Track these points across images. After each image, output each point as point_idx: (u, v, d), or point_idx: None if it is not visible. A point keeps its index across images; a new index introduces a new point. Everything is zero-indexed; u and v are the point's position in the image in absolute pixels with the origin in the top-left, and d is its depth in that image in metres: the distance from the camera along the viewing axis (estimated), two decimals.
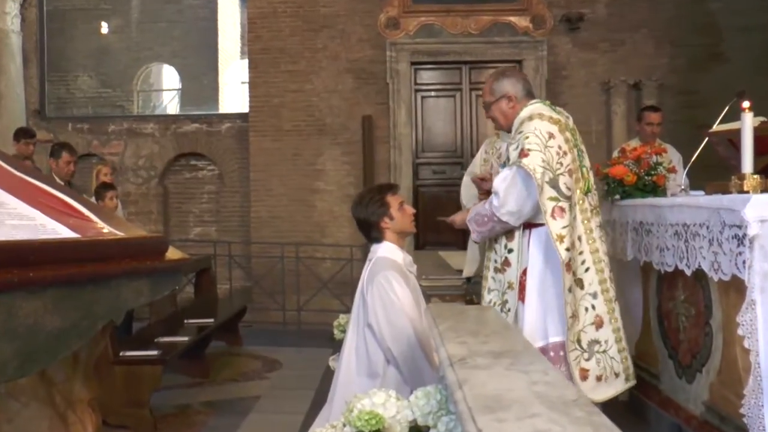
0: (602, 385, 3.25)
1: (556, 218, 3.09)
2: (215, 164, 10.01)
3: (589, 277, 3.19)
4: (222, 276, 8.96)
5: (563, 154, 3.14)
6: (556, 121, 3.19)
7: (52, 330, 1.52)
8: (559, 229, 3.09)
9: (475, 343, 1.95)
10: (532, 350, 1.95)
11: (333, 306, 8.25)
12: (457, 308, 3.02)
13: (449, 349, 1.87)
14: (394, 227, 3.30)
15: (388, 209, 3.29)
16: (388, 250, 3.31)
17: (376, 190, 3.39)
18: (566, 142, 3.18)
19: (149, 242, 1.85)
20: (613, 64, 8.98)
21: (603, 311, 3.22)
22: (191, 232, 10.03)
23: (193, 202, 10.10)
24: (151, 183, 10.00)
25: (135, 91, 14.83)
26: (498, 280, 3.34)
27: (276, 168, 9.13)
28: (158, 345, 5.13)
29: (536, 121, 3.18)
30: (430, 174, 9.22)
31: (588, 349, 3.23)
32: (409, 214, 3.33)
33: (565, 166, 3.14)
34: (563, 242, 3.08)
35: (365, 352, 3.19)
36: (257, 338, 7.59)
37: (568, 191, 3.13)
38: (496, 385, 1.54)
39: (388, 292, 3.14)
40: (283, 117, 9.14)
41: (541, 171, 3.08)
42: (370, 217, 3.29)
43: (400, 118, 9.03)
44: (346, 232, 8.95)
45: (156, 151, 10.01)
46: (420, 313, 3.18)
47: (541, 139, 3.11)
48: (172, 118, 11.19)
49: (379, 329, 3.14)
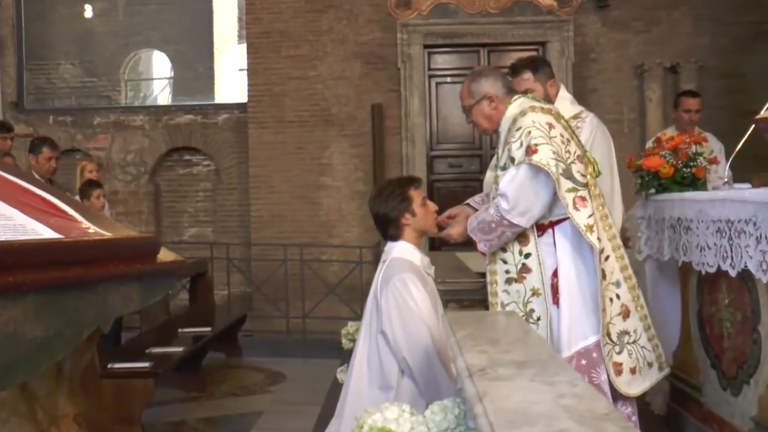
0: (637, 377, 3.29)
1: (580, 209, 3.14)
2: (211, 159, 10.03)
3: (609, 265, 3.23)
4: (219, 281, 8.99)
5: (567, 141, 3.19)
6: (548, 111, 3.24)
7: (34, 339, 1.52)
8: (586, 219, 3.14)
9: (496, 352, 1.95)
10: (559, 360, 1.95)
11: (341, 313, 8.27)
12: (477, 314, 3.04)
13: (468, 359, 1.87)
14: (415, 225, 3.31)
15: (410, 204, 3.30)
16: (404, 249, 3.32)
17: (398, 182, 3.40)
18: (565, 129, 3.24)
19: (139, 243, 1.85)
20: (648, 45, 8.94)
21: (628, 299, 3.27)
22: (185, 233, 10.07)
23: (188, 201, 10.11)
24: (140, 180, 10.02)
25: (122, 80, 14.88)
26: (515, 292, 3.31)
27: (278, 163, 9.16)
28: (150, 356, 5.16)
29: (531, 114, 3.20)
30: (445, 168, 9.21)
31: (618, 342, 3.26)
32: (432, 211, 3.35)
33: (573, 154, 3.20)
34: (593, 232, 3.13)
35: (378, 363, 3.20)
36: (258, 349, 7.62)
37: (583, 178, 3.18)
38: (519, 398, 1.54)
39: (405, 297, 3.15)
40: (285, 107, 9.16)
41: (555, 164, 3.12)
42: (390, 212, 3.30)
43: (413, 106, 9.03)
44: (355, 232, 9.02)
45: (146, 145, 10.03)
46: (438, 320, 3.20)
47: (543, 131, 3.15)
48: (164, 109, 11.19)
49: (393, 337, 3.15)
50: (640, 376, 3.30)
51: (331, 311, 8.51)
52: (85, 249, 1.70)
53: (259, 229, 9.23)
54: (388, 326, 3.15)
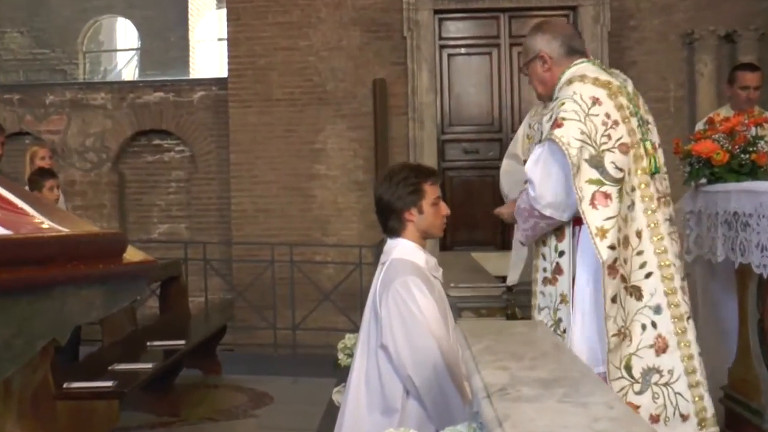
0: (660, 427, 3.14)
1: (598, 207, 3.06)
2: (185, 144, 10.02)
3: (650, 285, 3.16)
4: (195, 286, 8.93)
5: (613, 124, 3.12)
6: (604, 84, 3.18)
7: None
8: (601, 221, 3.06)
9: (518, 369, 1.95)
10: (592, 377, 1.94)
11: (337, 323, 8.29)
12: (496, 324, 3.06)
13: (486, 377, 1.87)
14: (420, 224, 3.31)
15: (421, 199, 3.30)
16: (406, 249, 3.32)
17: (414, 170, 3.39)
18: (619, 109, 3.16)
19: (103, 240, 1.87)
20: (698, 10, 8.90)
21: (669, 331, 3.16)
22: (155, 230, 10.04)
23: (158, 193, 10.09)
24: (102, 169, 10.02)
25: (80, 51, 14.88)
26: (548, 295, 3.33)
27: (263, 148, 9.15)
28: (113, 374, 5.15)
29: (576, 85, 3.19)
30: (459, 154, 9.21)
31: (641, 380, 3.17)
32: (442, 215, 3.35)
33: (615, 140, 3.11)
34: (606, 238, 3.05)
35: (378, 382, 3.19)
36: (241, 365, 7.62)
37: (619, 173, 3.10)
38: (546, 422, 1.53)
39: (408, 304, 3.14)
40: (271, 82, 9.15)
41: (578, 146, 3.08)
42: (396, 201, 3.30)
43: (421, 82, 9.00)
44: (354, 229, 9.02)
45: (108, 127, 10.02)
46: (448, 330, 3.19)
47: (582, 106, 3.11)
48: (130, 85, 11.16)
49: (396, 352, 3.14)
50: (664, 427, 3.15)
51: (325, 321, 8.52)
52: (38, 247, 1.69)
53: (241, 226, 9.21)
54: (389, 339, 3.14)
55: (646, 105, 3.34)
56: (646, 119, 3.28)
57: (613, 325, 3.08)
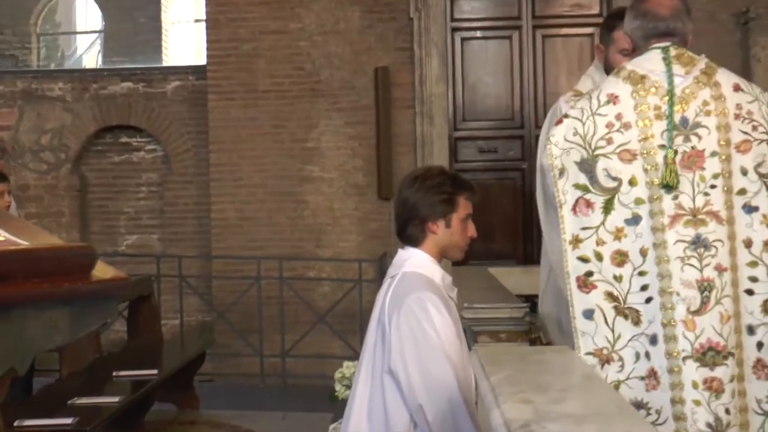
0: None
1: (578, 214, 3.13)
2: (158, 142, 9.98)
3: (650, 311, 3.13)
4: (169, 306, 8.93)
5: (622, 127, 3.15)
6: (637, 80, 3.19)
7: None
8: (578, 230, 3.12)
9: (544, 402, 1.95)
10: (631, 412, 1.94)
11: (334, 349, 8.26)
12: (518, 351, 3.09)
13: (507, 411, 1.86)
14: (442, 239, 3.36)
15: (452, 212, 3.35)
16: (422, 262, 3.34)
17: (453, 179, 3.44)
18: (641, 110, 3.17)
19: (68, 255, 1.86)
20: None
21: (661, 367, 3.12)
22: (122, 242, 9.97)
23: (125, 199, 10.03)
24: (60, 171, 9.95)
25: (33, 33, 14.80)
26: None
27: (248, 146, 9.15)
28: (73, 410, 5.14)
29: (609, 78, 3.25)
30: (474, 153, 9.20)
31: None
32: (468, 236, 3.40)
33: (617, 145, 3.14)
34: (578, 248, 3.12)
35: (383, 412, 3.19)
36: (222, 398, 7.61)
37: (610, 182, 3.13)
38: None
39: (423, 324, 3.15)
40: (257, 71, 9.15)
41: (566, 146, 3.15)
42: (423, 207, 3.34)
43: (431, 70, 8.99)
44: (353, 240, 9.02)
45: (68, 123, 9.96)
46: (464, 355, 3.20)
47: (592, 103, 3.17)
48: (92, 74, 10.91)
49: (407, 378, 3.13)
50: None
51: (320, 347, 8.50)
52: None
53: (222, 237, 9.20)
54: (399, 363, 3.15)
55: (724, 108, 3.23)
56: (696, 121, 3.19)
57: (589, 343, 3.09)
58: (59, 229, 9.65)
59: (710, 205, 3.19)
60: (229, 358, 8.80)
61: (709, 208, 3.19)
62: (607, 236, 3.12)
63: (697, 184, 3.19)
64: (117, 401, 5.46)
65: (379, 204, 8.98)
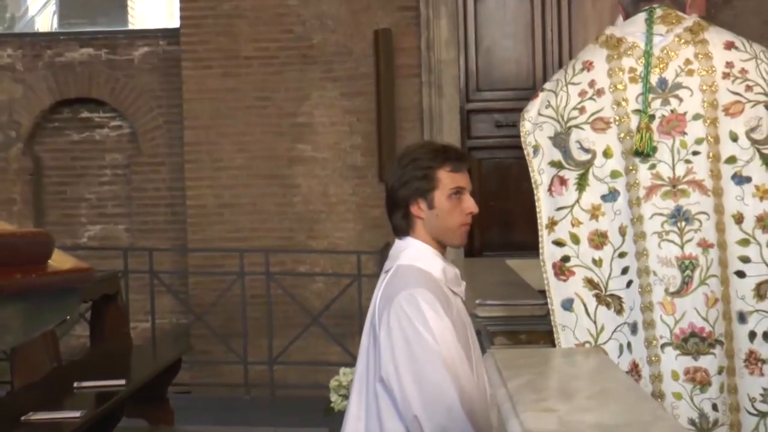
0: None
1: (554, 194, 3.25)
2: (124, 118, 9.85)
3: (630, 296, 3.21)
4: (138, 307, 8.90)
5: (595, 94, 3.25)
6: (613, 44, 3.29)
7: None
8: (553, 211, 3.25)
9: (570, 411, 2.03)
10: (669, 422, 2.00)
11: (329, 355, 8.35)
12: (540, 353, 3.15)
13: (527, 422, 1.93)
14: (430, 222, 3.26)
15: (433, 189, 3.23)
16: (418, 253, 3.26)
17: (429, 149, 3.37)
18: (615, 73, 3.24)
19: (21, 242, 1.93)
20: None
21: (641, 358, 3.20)
22: (83, 233, 9.88)
23: (87, 183, 9.91)
24: (10, 151, 9.78)
25: None
26: None
27: (229, 122, 9.11)
28: (28, 427, 5.28)
29: (588, 44, 3.42)
30: (490, 128, 9.16)
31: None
32: (465, 212, 3.25)
33: (590, 114, 3.23)
34: (553, 231, 3.23)
35: (377, 425, 3.19)
36: (201, 412, 7.72)
37: (583, 154, 3.24)
38: None
39: (416, 325, 3.09)
40: (239, 35, 9.08)
41: (537, 123, 3.29)
42: (400, 189, 3.26)
43: (439, 33, 8.94)
44: (350, 229, 8.98)
45: (18, 95, 9.79)
46: (471, 361, 3.19)
47: (567, 73, 3.31)
48: (46, 39, 10.83)
49: (400, 387, 3.10)
50: None
51: (313, 353, 8.60)
52: None
53: (200, 227, 9.18)
54: (390, 370, 3.11)
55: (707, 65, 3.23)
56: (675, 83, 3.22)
57: (570, 337, 3.22)
58: (10, 218, 9.27)
59: (693, 173, 3.21)
60: (209, 366, 8.81)
61: (691, 176, 3.21)
62: (582, 216, 3.23)
63: (677, 151, 3.22)
64: (79, 417, 5.45)
65: (380, 188, 8.71)
